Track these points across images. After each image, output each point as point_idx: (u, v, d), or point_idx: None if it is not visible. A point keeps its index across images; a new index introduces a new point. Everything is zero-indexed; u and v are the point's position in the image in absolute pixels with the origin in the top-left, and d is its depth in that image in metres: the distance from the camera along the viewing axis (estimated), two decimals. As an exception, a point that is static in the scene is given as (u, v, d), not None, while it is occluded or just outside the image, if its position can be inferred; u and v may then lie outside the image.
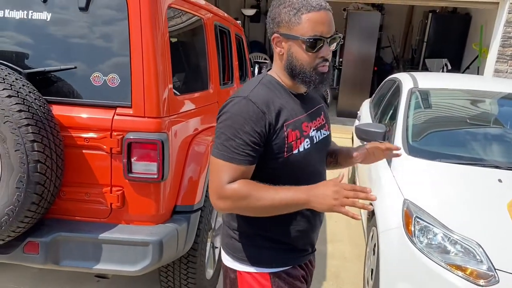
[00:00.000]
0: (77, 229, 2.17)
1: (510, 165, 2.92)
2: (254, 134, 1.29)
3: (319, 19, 1.32)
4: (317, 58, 1.35)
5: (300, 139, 1.38)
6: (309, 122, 1.45)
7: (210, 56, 3.02)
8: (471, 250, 2.24)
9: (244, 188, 1.28)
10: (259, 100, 1.33)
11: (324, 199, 1.24)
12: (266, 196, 1.27)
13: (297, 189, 1.28)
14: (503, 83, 4.91)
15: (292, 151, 1.35)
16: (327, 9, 1.34)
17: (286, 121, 1.35)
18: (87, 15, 2.17)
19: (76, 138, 2.15)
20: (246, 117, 1.29)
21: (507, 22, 6.47)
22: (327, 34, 1.33)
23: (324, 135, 1.52)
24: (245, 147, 1.29)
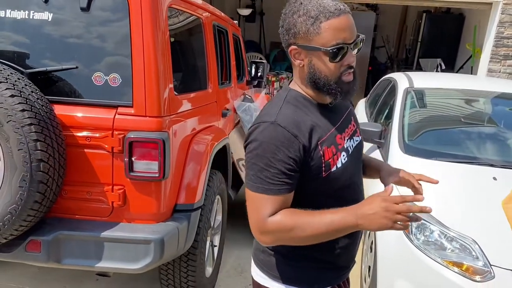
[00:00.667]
0: (78, 228, 2.19)
1: (504, 163, 2.97)
2: (289, 160, 1.19)
3: (340, 25, 1.20)
4: (341, 67, 1.24)
5: (337, 154, 1.28)
6: (342, 133, 1.35)
7: (209, 56, 3.05)
8: (467, 247, 2.29)
9: (287, 221, 1.19)
10: (288, 122, 1.22)
11: (374, 219, 1.13)
12: (311, 225, 1.18)
13: (343, 212, 1.18)
14: (497, 82, 4.97)
15: (331, 169, 1.26)
16: (347, 12, 1.21)
17: (320, 139, 1.26)
18: (89, 15, 2.19)
19: (78, 137, 2.17)
20: (277, 144, 1.19)
21: (500, 22, 6.53)
22: (350, 40, 1.22)
23: (357, 142, 1.42)
24: (281, 176, 1.19)
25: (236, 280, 3.23)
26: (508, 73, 6.71)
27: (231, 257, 3.52)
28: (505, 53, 6.64)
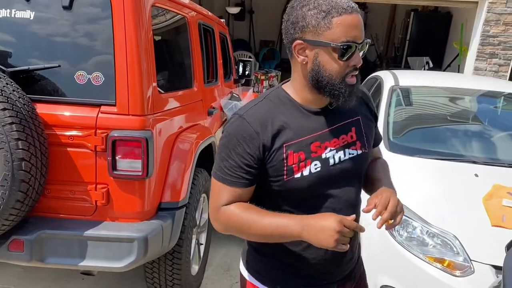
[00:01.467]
0: (62, 227, 2.19)
1: (486, 160, 3.01)
2: (247, 156, 1.21)
3: (351, 23, 1.16)
4: (347, 67, 1.19)
5: (305, 161, 1.23)
6: (324, 142, 1.27)
7: (194, 54, 3.05)
8: (448, 243, 2.32)
9: (237, 215, 1.23)
10: (254, 119, 1.22)
11: (319, 234, 1.13)
12: (258, 225, 1.20)
13: (291, 219, 1.18)
14: (482, 80, 5.03)
15: (294, 174, 1.23)
16: (358, 11, 1.19)
17: (287, 142, 1.23)
18: (71, 14, 2.19)
19: (60, 136, 2.16)
20: (239, 137, 1.21)
21: (486, 21, 6.61)
22: (360, 39, 1.18)
23: (351, 155, 1.31)
24: (238, 170, 1.22)
25: (222, 278, 3.24)
26: (494, 71, 6.79)
27: (218, 255, 3.54)
28: (490, 52, 6.73)
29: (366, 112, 1.42)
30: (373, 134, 1.44)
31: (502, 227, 2.33)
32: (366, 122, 1.39)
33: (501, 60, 6.76)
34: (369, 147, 1.38)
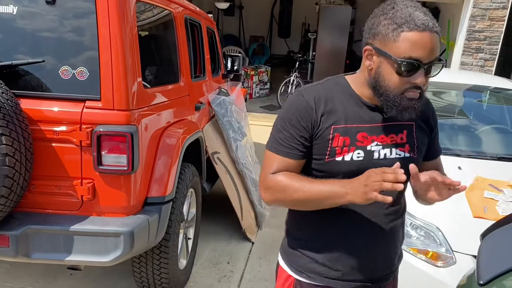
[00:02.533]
0: (47, 222, 2.19)
1: (470, 153, 3.07)
2: (300, 127, 1.28)
3: (419, 41, 1.15)
4: (407, 84, 1.20)
5: (349, 147, 1.27)
6: (372, 135, 1.30)
7: (181, 49, 3.05)
8: (432, 234, 2.36)
9: (284, 180, 1.28)
10: (311, 95, 1.30)
11: (358, 189, 1.16)
12: (303, 188, 1.25)
13: (336, 182, 1.23)
14: (468, 75, 5.09)
15: (335, 157, 1.27)
16: (434, 31, 1.16)
17: (335, 124, 1.28)
18: (54, 9, 2.18)
19: (45, 131, 2.16)
20: (295, 110, 1.29)
21: (472, 16, 6.68)
22: (426, 59, 1.17)
23: (398, 155, 1.32)
24: (291, 140, 1.29)
25: (211, 272, 3.26)
26: (480, 66, 6.87)
27: (207, 250, 3.55)
28: (476, 46, 6.80)
29: (423, 121, 1.39)
30: (425, 143, 1.41)
31: (484, 218, 2.37)
32: (420, 130, 1.38)
33: (486, 55, 6.84)
34: (419, 153, 1.37)
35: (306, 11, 12.82)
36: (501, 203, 2.50)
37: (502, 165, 2.97)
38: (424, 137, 1.40)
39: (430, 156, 1.47)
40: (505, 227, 1.65)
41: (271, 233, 3.91)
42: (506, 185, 2.66)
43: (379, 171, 1.13)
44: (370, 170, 1.16)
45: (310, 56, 10.15)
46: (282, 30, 13.86)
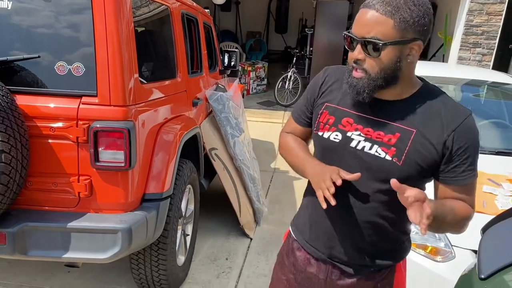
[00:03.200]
0: (44, 219, 2.17)
1: (468, 148, 3.05)
2: (308, 99, 1.47)
3: (357, 16, 1.22)
4: (351, 60, 1.26)
5: (331, 127, 1.35)
6: (359, 125, 1.32)
7: (177, 44, 3.03)
8: (430, 229, 2.35)
9: (285, 141, 1.54)
10: (326, 73, 1.45)
11: (315, 179, 1.30)
12: (294, 152, 1.47)
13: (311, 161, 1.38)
14: (466, 70, 5.09)
15: (318, 131, 1.40)
16: (373, 8, 1.18)
17: (329, 102, 1.39)
18: (50, 4, 2.15)
19: (41, 127, 2.14)
20: (311, 84, 1.48)
21: (469, 11, 6.67)
22: (357, 34, 1.21)
23: (377, 154, 1.28)
24: (299, 108, 1.51)
25: (209, 268, 3.25)
26: (477, 60, 6.86)
27: (205, 246, 3.55)
28: (474, 41, 6.79)
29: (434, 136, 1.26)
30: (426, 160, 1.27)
31: (483, 212, 2.37)
32: (423, 142, 1.26)
33: (484, 50, 6.84)
34: (408, 164, 1.26)
35: (303, 7, 12.79)
36: (499, 197, 2.49)
37: (500, 159, 2.96)
38: (425, 152, 1.26)
39: (444, 180, 1.30)
40: (505, 221, 1.65)
41: (270, 229, 3.91)
42: (504, 180, 2.66)
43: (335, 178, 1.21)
44: (332, 171, 1.25)
45: (307, 52, 10.14)
46: (279, 26, 13.82)
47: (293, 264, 1.57)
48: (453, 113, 1.27)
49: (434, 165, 1.28)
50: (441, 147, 1.25)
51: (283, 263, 1.62)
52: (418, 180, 1.30)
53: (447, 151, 1.25)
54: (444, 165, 1.27)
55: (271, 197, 4.64)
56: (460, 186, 1.29)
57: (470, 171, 1.28)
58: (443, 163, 1.27)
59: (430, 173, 1.30)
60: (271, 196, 4.67)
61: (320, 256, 1.48)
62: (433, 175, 1.32)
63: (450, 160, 1.26)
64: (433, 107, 1.28)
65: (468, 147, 1.25)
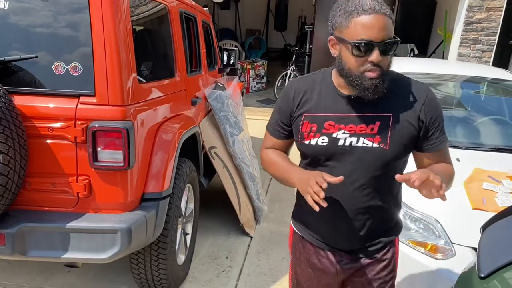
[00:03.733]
0: (43, 219, 2.16)
1: (468, 145, 3.05)
2: (282, 113, 1.55)
3: (368, 23, 1.29)
4: (365, 63, 1.32)
5: (316, 134, 1.45)
6: (340, 124, 1.42)
7: (176, 43, 3.02)
8: (430, 227, 2.35)
9: (267, 156, 1.62)
10: (296, 86, 1.53)
11: (301, 185, 1.38)
12: (277, 166, 1.55)
13: (295, 170, 1.46)
14: (466, 66, 5.07)
15: (304, 140, 1.48)
16: (381, 13, 1.29)
17: (307, 112, 1.47)
18: (47, 4, 2.14)
19: (39, 128, 2.13)
20: (281, 99, 1.57)
21: (469, 7, 6.65)
22: (376, 38, 1.29)
23: (365, 145, 1.41)
24: (275, 123, 1.59)
25: (209, 267, 3.25)
26: (477, 57, 6.85)
27: (205, 245, 3.54)
28: (474, 38, 6.78)
29: (406, 114, 1.42)
30: (409, 137, 1.43)
31: (483, 210, 2.36)
32: (401, 122, 1.41)
33: (484, 46, 6.82)
34: (394, 146, 1.41)
35: (302, 4, 12.76)
36: (500, 194, 2.48)
37: (501, 156, 2.95)
38: (405, 130, 1.42)
39: (426, 148, 1.48)
40: (505, 219, 1.64)
41: (270, 228, 3.90)
42: (505, 177, 2.65)
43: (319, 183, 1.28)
44: (316, 175, 1.32)
45: (307, 49, 10.11)
46: (279, 23, 13.80)
47: (307, 259, 1.68)
48: (417, 91, 1.45)
49: (415, 139, 1.45)
50: (417, 122, 1.43)
51: (299, 259, 1.72)
52: (404, 156, 1.48)
53: (422, 124, 1.43)
54: (423, 136, 1.45)
55: (271, 195, 4.64)
56: (439, 151, 1.49)
57: (442, 135, 1.48)
58: (421, 135, 1.45)
59: (413, 147, 1.47)
60: (271, 194, 4.67)
61: (326, 247, 1.60)
62: (415, 148, 1.48)
63: (427, 130, 1.45)
64: (400, 90, 1.44)
65: (437, 116, 1.44)
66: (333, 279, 1.64)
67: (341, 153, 1.43)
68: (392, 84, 1.41)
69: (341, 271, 1.62)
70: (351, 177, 1.43)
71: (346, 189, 1.45)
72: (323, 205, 1.28)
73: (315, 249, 1.64)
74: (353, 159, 1.43)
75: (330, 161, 1.46)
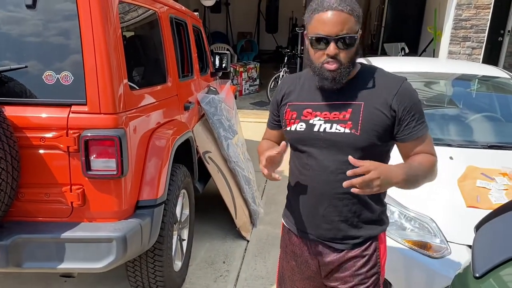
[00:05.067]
0: (38, 230, 2.15)
1: (461, 143, 3.07)
2: (272, 104, 1.74)
3: (323, 19, 1.41)
4: (323, 56, 1.44)
5: (296, 120, 1.58)
6: (316, 111, 1.55)
7: (167, 49, 3.01)
8: (426, 226, 2.36)
9: (260, 145, 1.79)
10: (285, 81, 1.73)
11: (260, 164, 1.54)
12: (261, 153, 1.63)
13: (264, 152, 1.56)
14: (456, 64, 5.10)
15: (286, 127, 1.61)
16: (338, 9, 1.40)
17: (290, 102, 1.63)
18: (35, 13, 2.13)
19: (31, 138, 2.12)
20: (274, 94, 1.74)
21: (458, 5, 6.69)
22: (331, 33, 1.40)
23: (337, 130, 1.50)
24: (270, 115, 1.78)
25: (207, 272, 3.24)
26: (467, 54, 6.89)
27: (202, 250, 3.53)
28: (463, 35, 6.82)
29: (378, 103, 1.49)
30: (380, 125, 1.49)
31: (477, 207, 2.38)
32: (372, 110, 1.49)
33: (474, 43, 6.87)
34: (365, 132, 1.49)
35: (293, 6, 12.79)
36: (493, 191, 2.50)
37: (493, 153, 2.97)
38: (377, 118, 1.49)
39: (403, 138, 1.53)
40: (498, 218, 1.65)
41: (266, 231, 3.90)
42: (497, 173, 2.67)
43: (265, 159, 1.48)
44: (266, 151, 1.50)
45: (298, 51, 10.13)
46: (270, 26, 13.82)
47: (292, 251, 1.76)
48: (391, 81, 1.52)
49: (389, 128, 1.51)
50: (389, 111, 1.49)
51: (285, 253, 1.81)
52: (380, 145, 1.52)
53: (395, 113, 1.49)
54: (398, 126, 1.50)
55: (266, 198, 4.64)
56: (417, 139, 1.52)
57: (420, 124, 1.51)
58: (396, 124, 1.50)
59: (388, 136, 1.52)
60: (267, 197, 4.67)
61: (309, 237, 1.66)
62: (393, 138, 1.54)
63: (400, 120, 1.49)
64: (373, 80, 1.52)
65: (412, 106, 1.49)
66: (316, 273, 1.70)
67: (317, 139, 1.54)
68: (367, 75, 1.54)
69: (323, 263, 1.67)
70: (326, 162, 1.54)
71: (323, 173, 1.55)
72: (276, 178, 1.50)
73: (299, 239, 1.71)
74: (327, 145, 1.53)
75: (307, 147, 1.57)
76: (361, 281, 1.63)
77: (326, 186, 1.55)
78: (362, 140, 1.48)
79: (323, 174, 1.54)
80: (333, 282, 1.67)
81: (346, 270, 1.64)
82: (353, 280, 1.63)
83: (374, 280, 1.65)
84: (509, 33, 8.81)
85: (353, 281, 1.63)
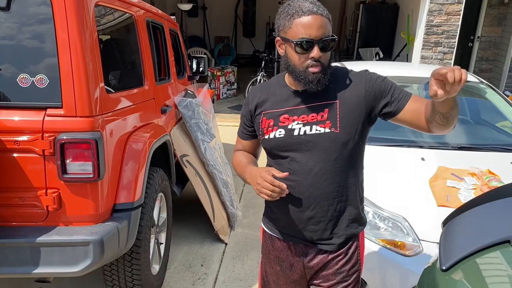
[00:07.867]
0: (12, 235, 2.12)
1: (433, 145, 3.17)
2: (245, 115, 1.72)
3: (307, 23, 1.43)
4: (307, 59, 1.47)
5: (273, 128, 1.59)
6: (293, 116, 1.56)
7: (143, 52, 3.02)
8: (399, 225, 2.43)
9: (235, 157, 1.78)
10: (255, 91, 1.71)
11: (253, 183, 1.52)
12: (239, 166, 1.71)
13: (249, 169, 1.62)
14: (429, 68, 5.23)
15: (264, 135, 1.62)
16: (318, 14, 1.44)
17: (264, 111, 1.63)
18: (10, 15, 2.11)
19: (5, 141, 2.09)
20: (244, 104, 1.73)
21: (430, 11, 6.87)
22: (316, 37, 1.43)
23: (318, 131, 1.53)
24: (241, 126, 1.76)
25: (184, 276, 3.24)
26: (439, 59, 7.08)
27: (180, 253, 3.53)
28: (435, 40, 7.00)
29: (351, 94, 1.54)
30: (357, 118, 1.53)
31: (447, 206, 2.46)
32: (348, 106, 1.53)
33: (445, 48, 7.06)
34: (344, 128, 1.52)
35: (269, 11, 12.88)
36: (462, 191, 2.59)
37: (462, 154, 3.07)
38: (353, 112, 1.53)
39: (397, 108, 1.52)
40: (463, 214, 1.72)
41: (244, 233, 3.92)
42: (467, 174, 2.76)
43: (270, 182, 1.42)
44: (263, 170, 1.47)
45: (275, 55, 10.21)
46: (247, 30, 13.87)
47: (276, 256, 1.76)
48: (356, 75, 1.58)
49: (369, 115, 1.56)
50: (363, 100, 1.53)
51: (269, 258, 1.80)
52: (358, 139, 1.56)
53: (371, 97, 1.53)
54: (383, 101, 1.53)
55: (244, 201, 4.66)
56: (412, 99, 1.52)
57: (402, 91, 1.54)
58: (381, 104, 1.53)
59: (369, 123, 1.58)
60: (245, 200, 4.69)
61: (295, 240, 1.68)
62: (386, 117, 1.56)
63: (381, 96, 1.53)
64: (342, 79, 1.57)
65: (382, 82, 1.54)
66: (301, 276, 1.72)
67: (298, 143, 1.55)
68: (336, 75, 1.57)
69: (308, 266, 1.69)
70: (309, 164, 1.55)
71: (307, 176, 1.55)
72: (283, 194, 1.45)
73: (283, 243, 1.72)
74: (309, 147, 1.54)
75: (289, 152, 1.57)
76: (343, 279, 1.67)
77: (311, 189, 1.56)
78: (342, 136, 1.52)
79: (308, 177, 1.55)
80: (316, 280, 1.71)
81: (329, 268, 1.67)
82: (335, 278, 1.67)
83: (355, 277, 1.70)
84: (479, 39, 9.09)
85: (335, 279, 1.67)
